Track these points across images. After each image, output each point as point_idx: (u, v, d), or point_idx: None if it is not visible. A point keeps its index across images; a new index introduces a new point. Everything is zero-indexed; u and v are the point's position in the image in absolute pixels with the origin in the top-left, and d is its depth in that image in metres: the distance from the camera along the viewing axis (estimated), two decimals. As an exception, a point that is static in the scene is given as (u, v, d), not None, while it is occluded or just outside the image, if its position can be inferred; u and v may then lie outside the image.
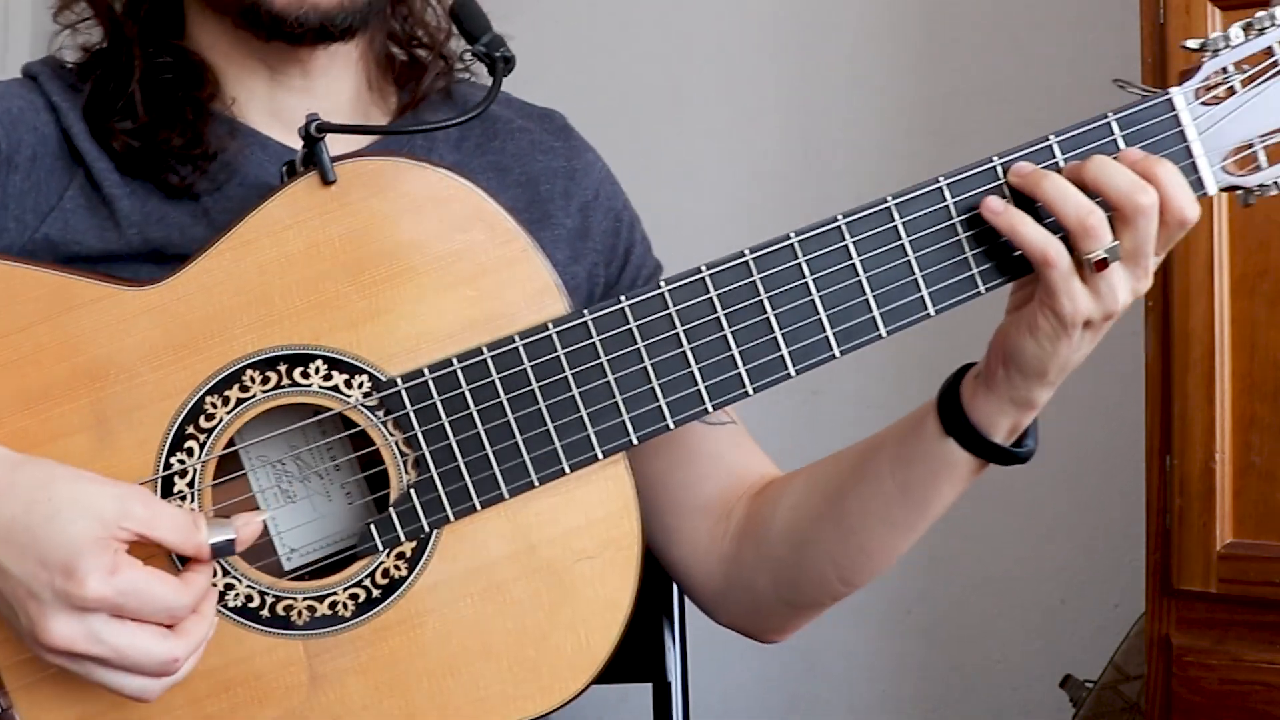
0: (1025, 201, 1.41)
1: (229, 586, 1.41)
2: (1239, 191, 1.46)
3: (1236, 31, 1.43)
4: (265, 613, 1.41)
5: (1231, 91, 1.44)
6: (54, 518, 1.28)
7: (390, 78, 1.71)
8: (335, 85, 1.64)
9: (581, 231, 1.70)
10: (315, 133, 1.39)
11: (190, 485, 1.40)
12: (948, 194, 1.42)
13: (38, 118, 1.56)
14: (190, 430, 1.40)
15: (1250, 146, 1.44)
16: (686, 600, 1.98)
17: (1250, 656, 2.22)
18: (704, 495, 1.67)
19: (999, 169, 1.42)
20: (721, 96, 3.20)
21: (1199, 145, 1.43)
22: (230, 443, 1.42)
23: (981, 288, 1.43)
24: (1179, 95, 1.43)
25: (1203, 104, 1.44)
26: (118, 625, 1.29)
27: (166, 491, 1.40)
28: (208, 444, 1.40)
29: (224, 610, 1.41)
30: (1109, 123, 1.43)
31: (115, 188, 1.54)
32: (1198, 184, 1.44)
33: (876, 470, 1.56)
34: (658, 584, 2.00)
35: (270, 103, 1.62)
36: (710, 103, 3.20)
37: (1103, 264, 1.37)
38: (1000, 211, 1.41)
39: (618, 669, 1.89)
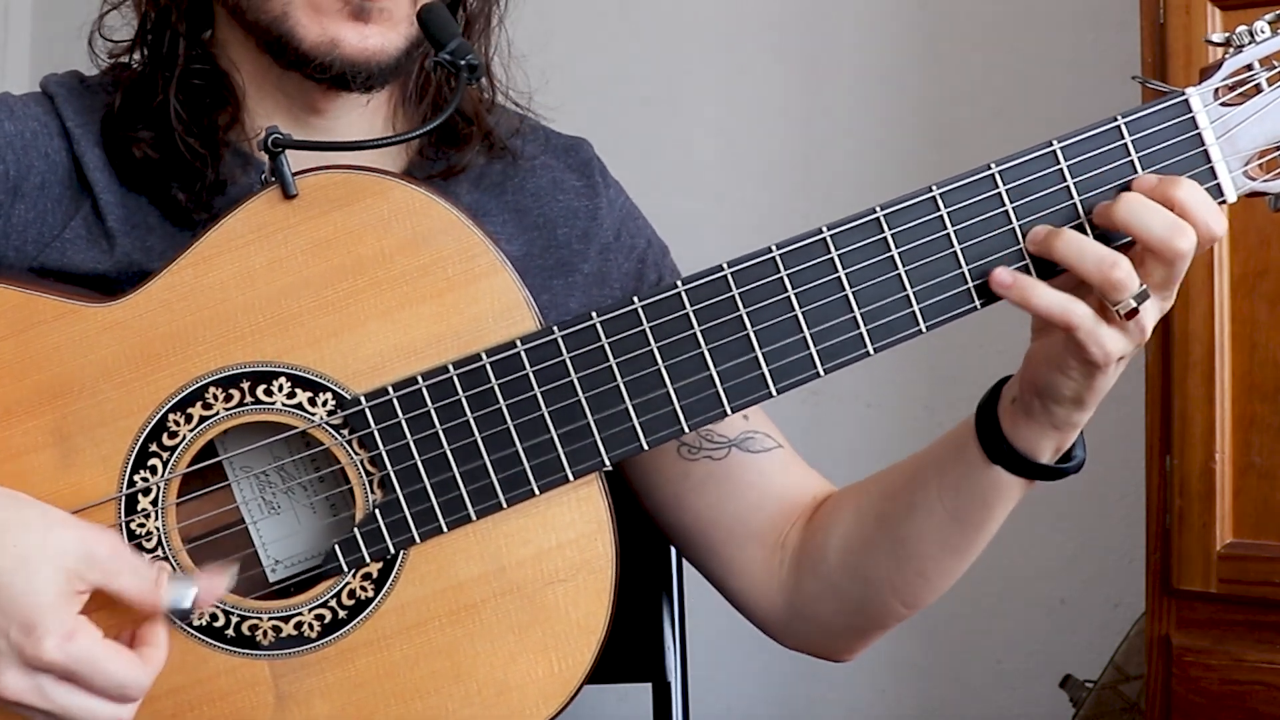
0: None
1: (186, 620, 1.39)
2: (1268, 197, 1.40)
3: (1262, 26, 1.37)
4: (230, 632, 1.39)
5: (1258, 90, 1.38)
6: (20, 568, 1.27)
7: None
8: (354, 131, 1.60)
9: (599, 277, 1.66)
10: (273, 146, 1.36)
11: (154, 503, 1.38)
12: (941, 204, 1.38)
13: (50, 143, 1.53)
14: (153, 448, 1.38)
15: (1279, 149, 1.39)
16: (686, 600, 1.96)
17: (1250, 656, 2.20)
18: (756, 525, 1.63)
19: (996, 177, 1.37)
20: (723, 96, 3.17)
21: (1217, 150, 1.38)
22: (197, 459, 1.40)
23: (978, 303, 1.39)
24: (1196, 96, 1.38)
25: (1222, 104, 1.38)
26: (66, 689, 1.29)
27: (130, 509, 1.39)
28: (171, 462, 1.38)
29: (188, 629, 1.39)
30: (1118, 126, 1.38)
31: (118, 222, 1.51)
32: (1216, 191, 1.38)
33: (925, 500, 1.52)
34: (658, 583, 1.98)
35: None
36: (712, 103, 3.18)
37: (1133, 313, 1.34)
38: (1011, 285, 1.37)
39: (618, 669, 1.87)
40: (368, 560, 1.39)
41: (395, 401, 1.38)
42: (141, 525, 1.38)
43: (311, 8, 1.48)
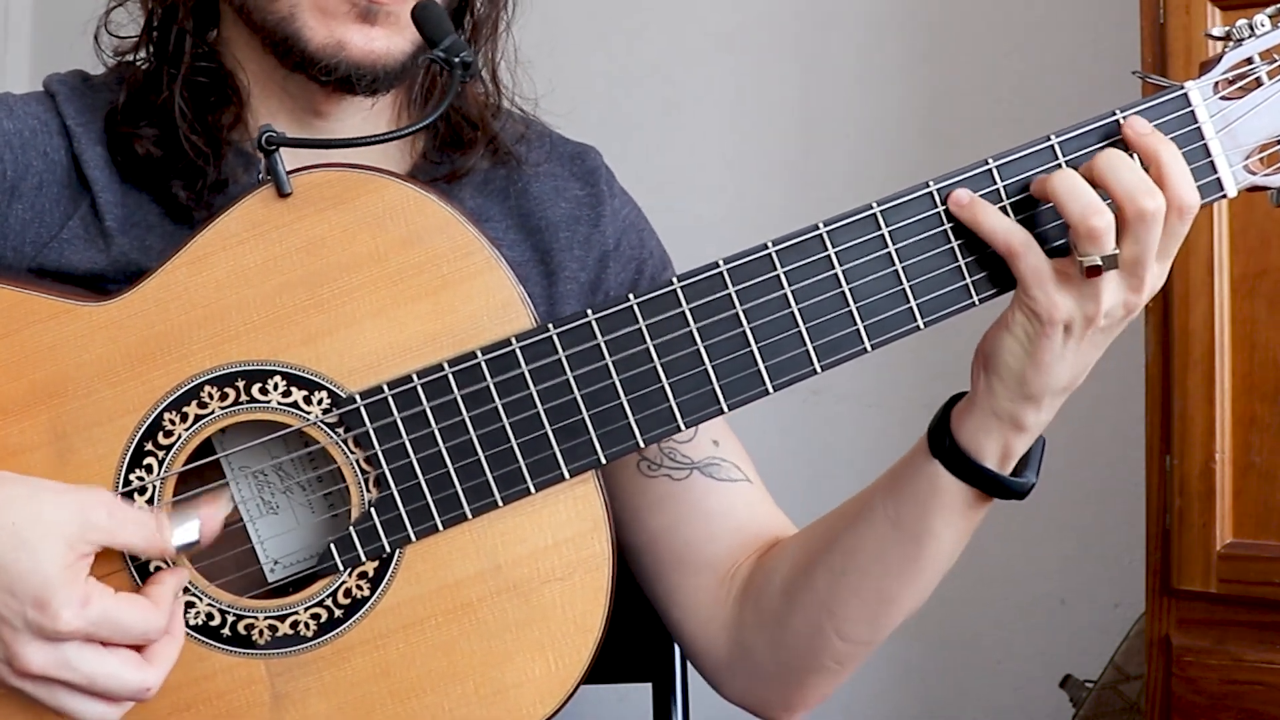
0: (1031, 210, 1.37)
1: (189, 604, 1.39)
2: (1269, 192, 1.40)
3: (1263, 19, 1.37)
4: (226, 631, 1.39)
5: (1258, 83, 1.37)
6: (20, 546, 1.27)
7: (429, 131, 1.65)
8: (357, 134, 1.59)
9: (595, 284, 1.65)
10: (267, 145, 1.36)
11: (150, 502, 1.38)
12: (938, 199, 1.38)
13: (49, 142, 1.53)
14: (149, 447, 1.38)
15: (1279, 143, 1.38)
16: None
17: (1250, 656, 2.20)
18: (708, 554, 1.60)
19: (994, 172, 1.37)
20: (725, 97, 3.17)
21: (1217, 143, 1.37)
22: (192, 458, 1.39)
23: (975, 298, 1.39)
24: (1195, 90, 1.37)
25: (1222, 98, 1.37)
26: (91, 652, 1.29)
27: (126, 508, 1.38)
28: (166, 461, 1.38)
29: (185, 628, 1.38)
30: (1117, 120, 1.37)
31: (116, 221, 1.51)
32: (1216, 185, 1.38)
33: (869, 507, 1.50)
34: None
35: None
36: (712, 102, 3.18)
37: (1095, 270, 1.32)
38: (966, 204, 1.36)
39: (618, 669, 1.86)
40: (364, 559, 1.39)
41: (390, 400, 1.37)
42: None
43: (318, 9, 1.48)
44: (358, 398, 1.37)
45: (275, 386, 1.38)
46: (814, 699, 1.59)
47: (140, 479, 1.38)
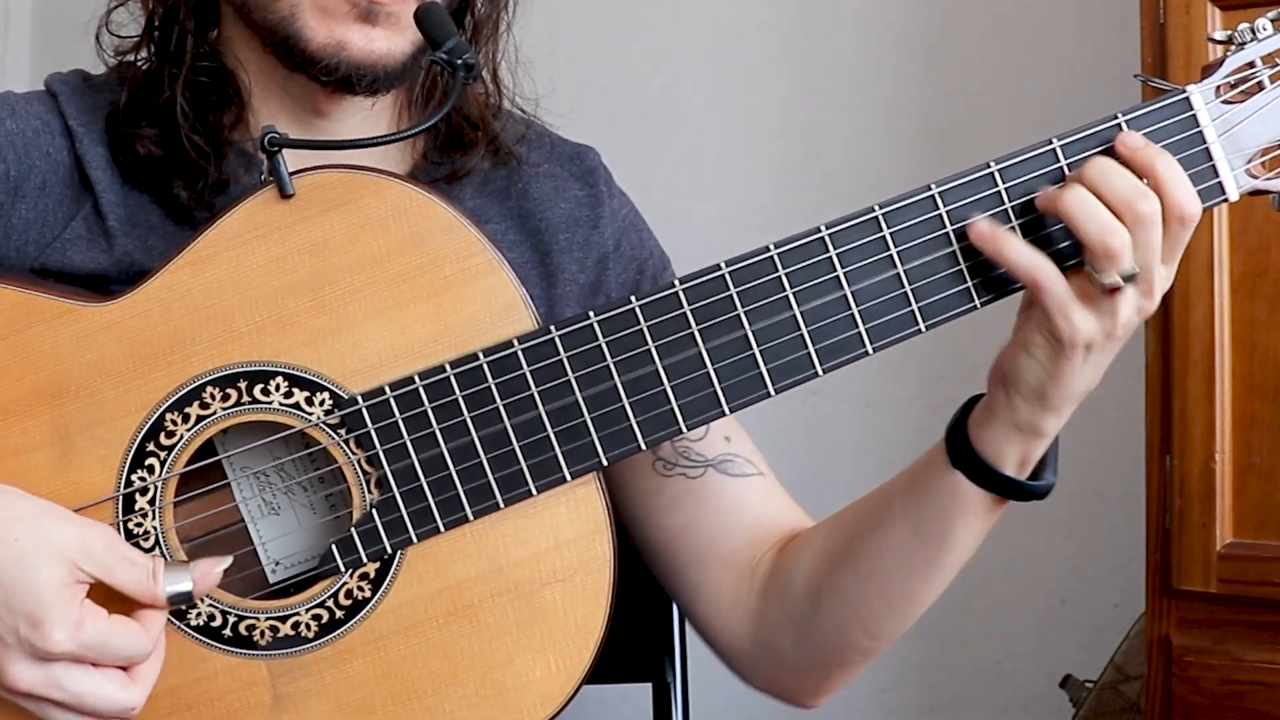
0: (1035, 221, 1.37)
1: (190, 606, 1.38)
2: (1270, 195, 1.39)
3: (1264, 23, 1.37)
4: (227, 632, 1.39)
5: (1260, 87, 1.37)
6: (19, 561, 1.28)
7: (429, 132, 1.65)
8: (358, 134, 1.59)
9: (594, 286, 1.65)
10: (269, 146, 1.36)
11: (151, 503, 1.38)
12: (940, 202, 1.37)
13: (52, 142, 1.53)
14: (151, 447, 1.38)
15: (1281, 147, 1.37)
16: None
17: (1250, 656, 2.21)
18: (727, 550, 1.60)
19: (996, 175, 1.37)
20: (723, 97, 3.18)
21: (1219, 148, 1.37)
22: (194, 459, 1.39)
23: (977, 302, 1.39)
24: (1197, 94, 1.37)
25: (1224, 102, 1.37)
26: (79, 672, 1.30)
27: (128, 509, 1.38)
28: (168, 461, 1.38)
29: (185, 629, 1.39)
30: (1118, 124, 1.37)
31: (119, 222, 1.51)
32: (1218, 189, 1.37)
33: (890, 512, 1.50)
34: (657, 583, 1.97)
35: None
36: (712, 104, 3.19)
37: (1116, 289, 1.31)
38: (988, 236, 1.35)
39: (618, 669, 1.86)
40: (365, 560, 1.39)
41: (392, 401, 1.37)
42: (139, 525, 1.38)
43: (319, 10, 1.48)
44: (360, 399, 1.37)
45: (277, 387, 1.38)
46: (839, 685, 1.61)
47: (142, 479, 1.38)
